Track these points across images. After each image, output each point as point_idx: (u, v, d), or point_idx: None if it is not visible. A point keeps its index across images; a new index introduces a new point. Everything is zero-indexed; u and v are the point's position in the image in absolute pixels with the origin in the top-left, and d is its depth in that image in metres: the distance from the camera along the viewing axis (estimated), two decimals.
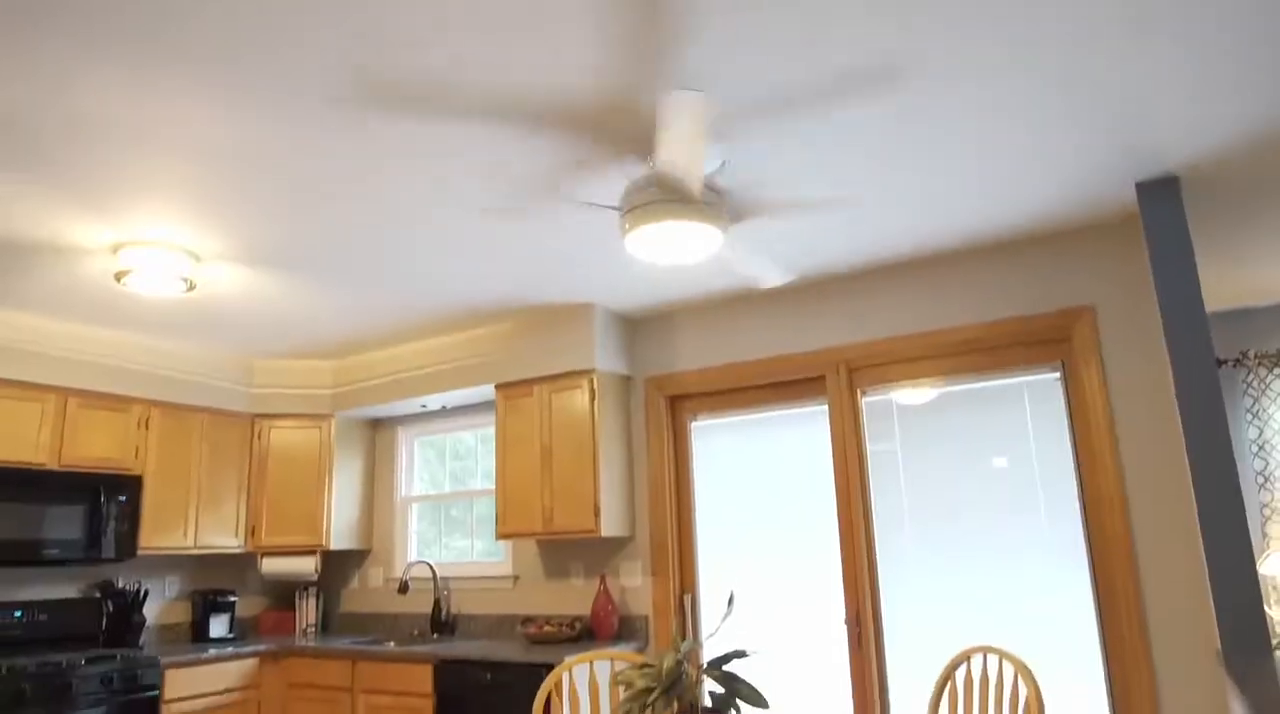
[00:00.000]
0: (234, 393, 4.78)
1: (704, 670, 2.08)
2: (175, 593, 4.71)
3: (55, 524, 3.86)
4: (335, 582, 5.24)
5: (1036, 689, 2.23)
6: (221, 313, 3.99)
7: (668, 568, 3.95)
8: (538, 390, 4.15)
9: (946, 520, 3.41)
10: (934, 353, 3.50)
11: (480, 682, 3.65)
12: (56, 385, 4.00)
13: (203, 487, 4.56)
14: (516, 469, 4.15)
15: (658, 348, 4.23)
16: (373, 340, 4.61)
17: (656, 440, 4.11)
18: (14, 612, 3.93)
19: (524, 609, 4.41)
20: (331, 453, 4.94)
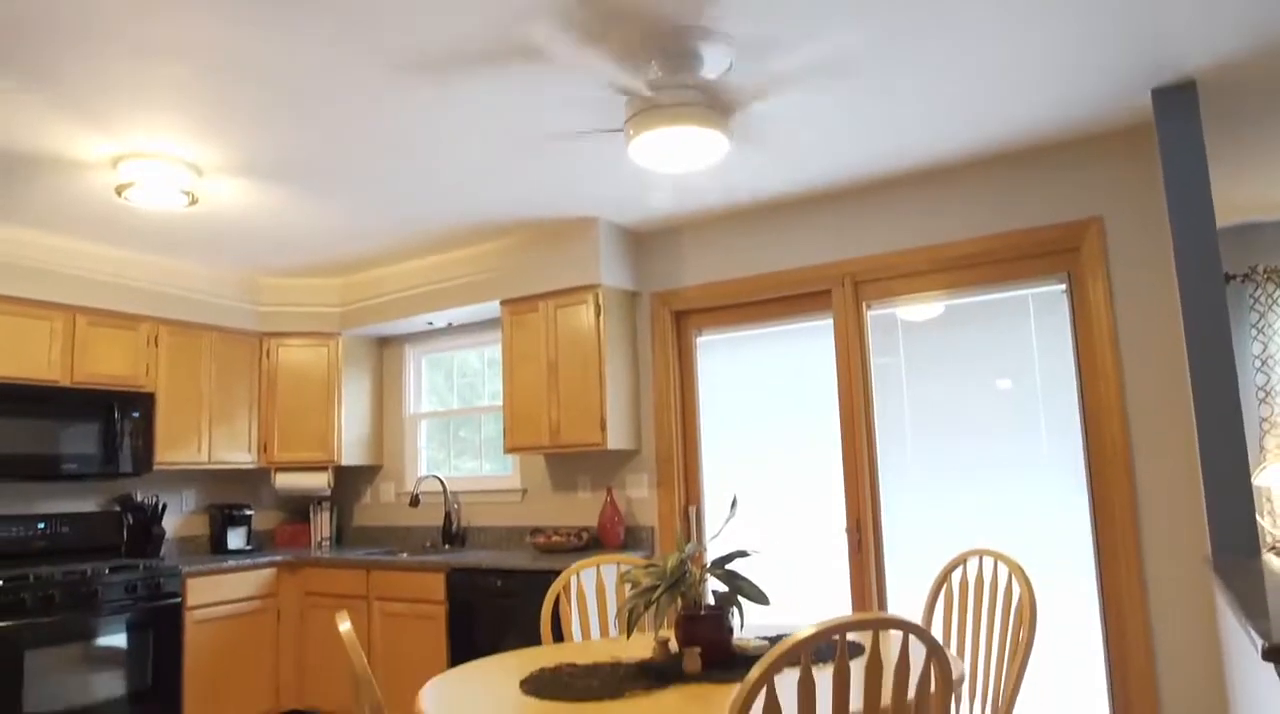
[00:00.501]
0: (241, 311, 4.81)
1: (707, 569, 2.15)
2: (193, 507, 4.84)
3: (71, 440, 3.95)
4: (348, 496, 5.36)
5: (1030, 590, 2.29)
6: (226, 229, 3.98)
7: (673, 480, 4.04)
8: (543, 306, 4.16)
9: (947, 433, 3.46)
10: (939, 266, 3.49)
11: (491, 588, 3.77)
12: (65, 303, 4.03)
13: (214, 403, 4.63)
14: (523, 384, 4.20)
15: (663, 263, 4.23)
16: (378, 257, 4.61)
17: (662, 355, 4.14)
18: (37, 524, 4.05)
19: (532, 521, 4.53)
20: (340, 371, 5.00)
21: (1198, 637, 2.90)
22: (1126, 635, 3.01)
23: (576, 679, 2.05)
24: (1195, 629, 2.91)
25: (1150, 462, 3.04)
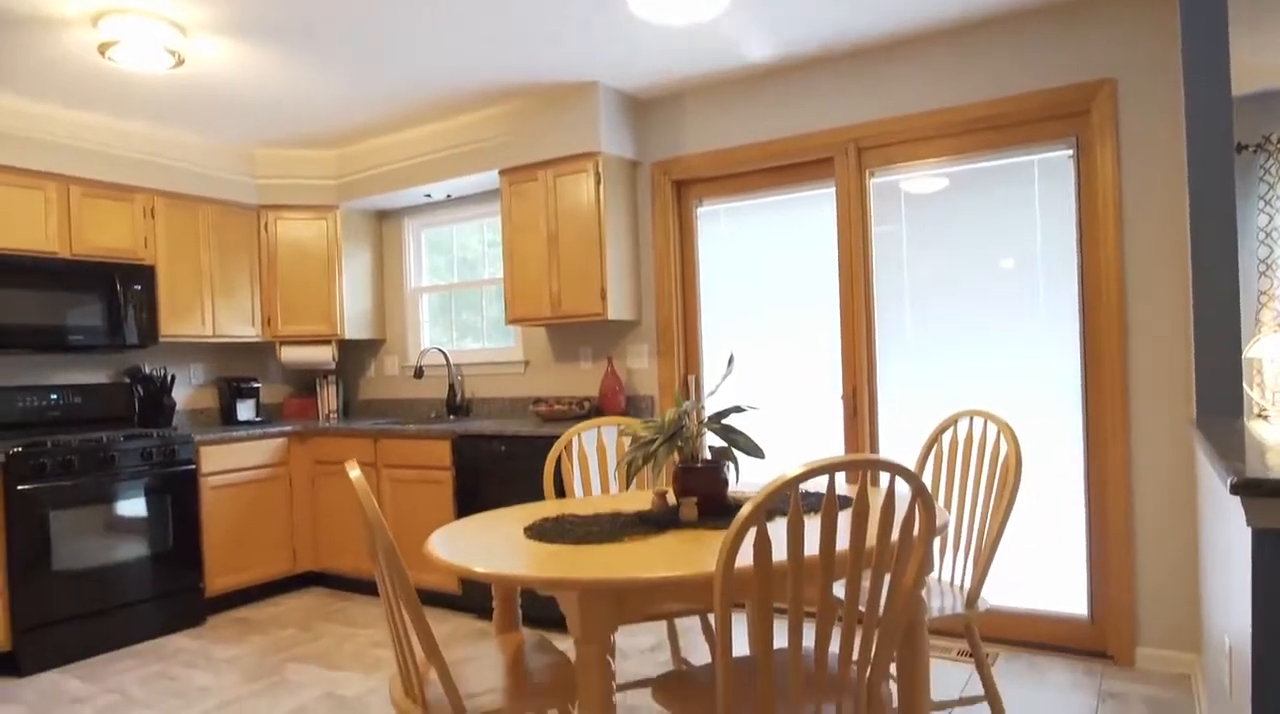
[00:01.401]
0: (238, 184, 4.75)
1: (704, 423, 2.22)
2: (201, 380, 4.93)
3: (76, 312, 3.98)
4: (353, 370, 5.45)
5: (1016, 447, 2.37)
6: (216, 94, 3.88)
7: (673, 350, 4.09)
8: (542, 175, 4.11)
9: (945, 301, 3.48)
10: (945, 131, 3.42)
11: (495, 454, 3.89)
12: (56, 173, 3.98)
13: (215, 276, 4.65)
14: (524, 255, 4.20)
15: (664, 131, 4.14)
16: (374, 126, 4.51)
17: (662, 225, 4.12)
18: (50, 394, 4.14)
19: (534, 392, 4.62)
20: (339, 244, 4.98)
21: (1176, 494, 3.02)
22: (1108, 492, 3.13)
23: (577, 526, 2.15)
24: (1174, 486, 3.02)
25: (1144, 327, 3.07)
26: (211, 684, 3.33)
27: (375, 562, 1.81)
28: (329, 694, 3.16)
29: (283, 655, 3.63)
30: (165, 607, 4.00)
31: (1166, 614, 3.04)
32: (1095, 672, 3.07)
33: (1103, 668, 3.10)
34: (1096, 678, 3.01)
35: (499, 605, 2.40)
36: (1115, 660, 3.12)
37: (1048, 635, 3.28)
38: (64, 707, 3.17)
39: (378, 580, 1.84)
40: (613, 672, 1.75)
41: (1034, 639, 3.31)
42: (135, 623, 3.88)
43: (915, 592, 1.73)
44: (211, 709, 3.08)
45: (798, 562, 1.52)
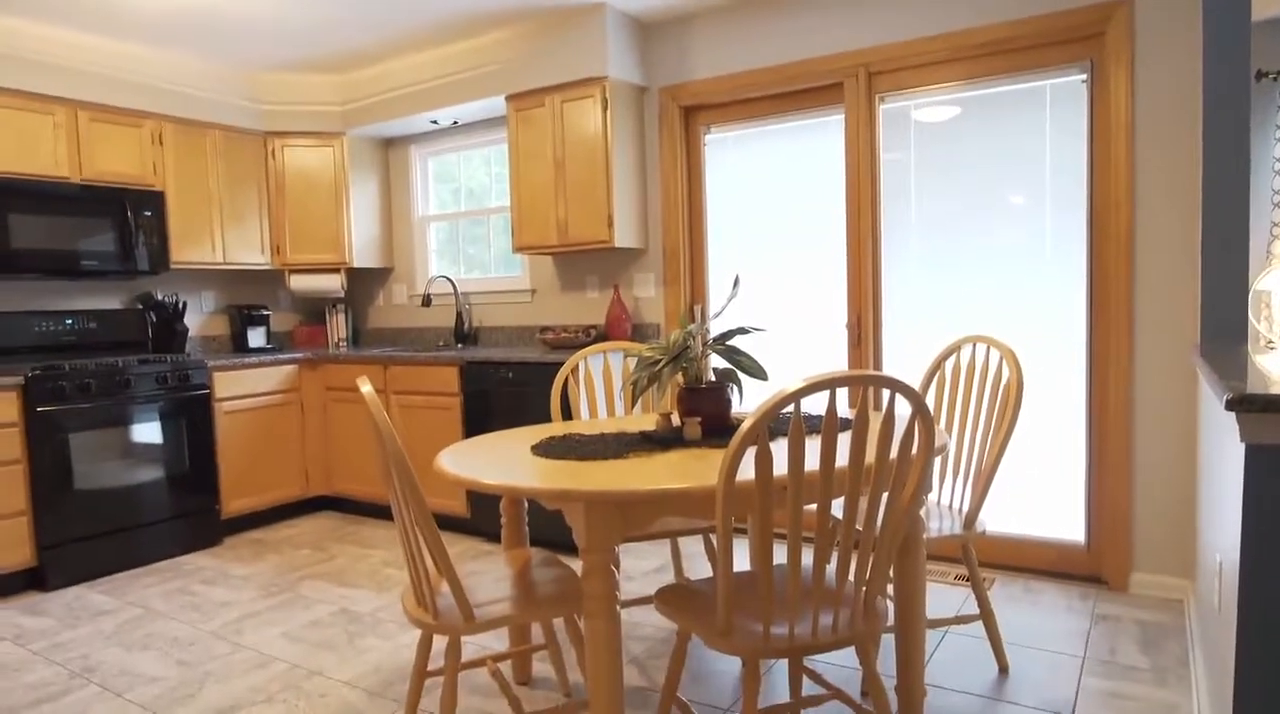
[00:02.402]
0: (244, 109, 4.71)
1: (709, 345, 2.24)
2: (212, 308, 4.97)
3: (88, 237, 4.00)
4: (361, 299, 5.48)
5: (1019, 372, 2.38)
6: (220, 16, 3.81)
7: (679, 278, 4.10)
8: (549, 101, 4.05)
9: (953, 228, 3.46)
10: (957, 55, 3.34)
11: (503, 379, 3.94)
12: (64, 97, 3.96)
13: (224, 203, 4.64)
14: (530, 182, 4.17)
15: (672, 55, 4.06)
16: (379, 51, 4.44)
17: (670, 152, 4.07)
18: (65, 320, 4.19)
19: (541, 320, 4.64)
20: (346, 172, 4.96)
21: (1177, 424, 3.04)
22: (1109, 421, 3.16)
23: (583, 444, 2.20)
24: (1176, 417, 3.05)
25: (1152, 257, 3.05)
26: (230, 599, 3.45)
27: (388, 473, 1.86)
28: (343, 610, 3.27)
29: (298, 574, 3.74)
30: (183, 527, 4.11)
31: (1162, 541, 3.10)
32: (1090, 596, 3.14)
33: (1097, 593, 3.18)
34: (1090, 602, 3.09)
35: (507, 523, 2.47)
36: (1109, 586, 3.20)
37: (1044, 561, 3.36)
38: (90, 618, 3.30)
39: (390, 491, 1.89)
40: (616, 581, 1.81)
41: (1030, 565, 3.39)
42: (154, 542, 4.00)
43: (913, 508, 1.78)
44: (231, 621, 3.20)
45: (798, 474, 1.56)
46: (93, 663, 2.87)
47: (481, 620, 1.89)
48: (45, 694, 2.65)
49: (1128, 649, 2.67)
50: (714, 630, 1.70)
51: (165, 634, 3.10)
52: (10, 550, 3.55)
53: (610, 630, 1.79)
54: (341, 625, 3.11)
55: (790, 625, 1.66)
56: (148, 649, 2.97)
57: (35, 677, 2.78)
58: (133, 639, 3.07)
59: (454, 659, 1.93)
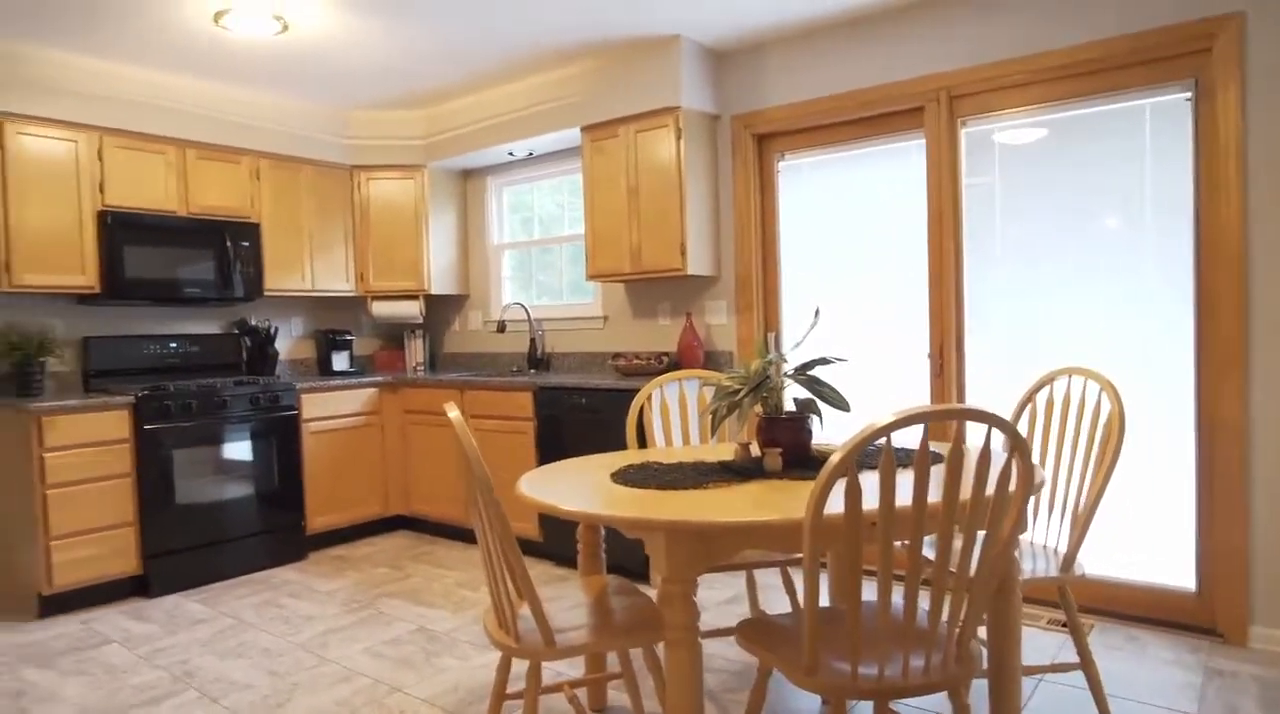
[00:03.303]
0: (333, 145, 4.94)
1: (790, 374, 2.25)
2: (300, 332, 5.18)
3: (191, 266, 4.23)
4: (438, 324, 5.64)
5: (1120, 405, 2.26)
6: (315, 59, 4.02)
7: (752, 306, 4.11)
8: (623, 131, 4.13)
9: (1042, 256, 3.39)
10: (1045, 76, 3.29)
11: (576, 405, 4.00)
12: (174, 137, 4.24)
13: (314, 234, 4.86)
14: (604, 210, 4.25)
15: (746, 84, 4.10)
16: (459, 86, 4.60)
17: (743, 179, 4.11)
18: (170, 343, 4.43)
19: (613, 347, 4.70)
20: (426, 203, 5.14)
21: None
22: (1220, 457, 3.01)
23: (662, 473, 2.22)
24: None
25: (1269, 284, 2.87)
26: (315, 613, 3.57)
27: (471, 496, 1.92)
28: (421, 629, 3.35)
29: (377, 591, 3.85)
30: (271, 542, 4.28)
31: None
32: (1200, 648, 2.91)
33: (1209, 645, 2.94)
34: (1201, 655, 2.86)
35: (584, 549, 2.51)
36: (1225, 639, 2.95)
37: (1148, 608, 3.15)
38: (188, 626, 3.45)
39: (473, 515, 1.95)
40: (697, 611, 1.82)
41: (1133, 611, 3.18)
42: (245, 555, 4.17)
43: (1009, 548, 1.75)
44: (317, 635, 3.31)
45: (889, 509, 1.56)
46: (192, 668, 3.01)
47: (563, 647, 1.92)
48: (150, 696, 2.78)
49: (1248, 710, 2.47)
50: (798, 667, 1.70)
51: (256, 644, 3.22)
52: (120, 559, 3.75)
53: (692, 661, 1.80)
54: (420, 644, 3.19)
55: (880, 666, 1.65)
56: (241, 658, 3.09)
57: (141, 679, 2.93)
58: (227, 648, 3.20)
59: (535, 683, 1.96)
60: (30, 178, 3.77)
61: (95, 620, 3.56)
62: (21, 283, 3.75)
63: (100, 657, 3.16)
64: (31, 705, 2.76)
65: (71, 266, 3.89)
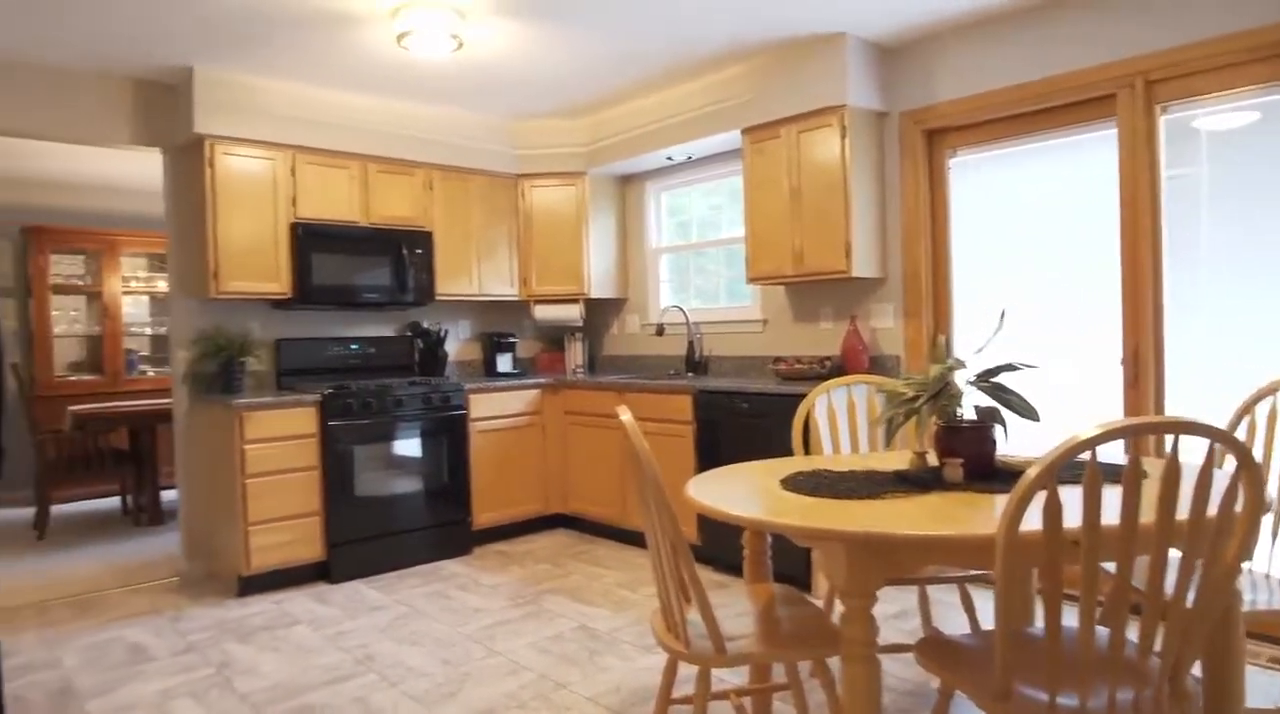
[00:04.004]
0: (500, 155, 5.14)
1: (972, 381, 2.11)
2: (467, 335, 5.42)
3: (371, 272, 4.52)
4: (597, 328, 5.75)
5: None
6: (486, 74, 4.20)
7: (921, 308, 3.92)
8: (785, 131, 4.06)
9: (1256, 252, 3.03)
10: (1260, 55, 2.95)
11: (736, 410, 3.95)
12: (357, 152, 4.54)
13: (481, 241, 5.08)
14: (765, 213, 4.18)
15: (915, 79, 3.93)
16: (620, 93, 4.67)
17: (912, 177, 3.93)
18: (351, 344, 4.74)
19: (773, 351, 4.62)
20: (586, 208, 5.25)
21: None
22: None
23: (835, 481, 2.14)
24: None
25: None
26: (482, 606, 3.70)
27: (642, 499, 1.92)
28: (582, 627, 3.41)
29: (539, 587, 3.95)
30: (439, 536, 4.48)
31: None
32: None
33: None
34: None
35: (750, 557, 2.46)
36: None
37: None
38: (366, 611, 3.67)
39: (643, 517, 1.94)
40: (876, 626, 1.74)
41: None
42: (415, 548, 4.39)
43: (1233, 576, 1.56)
44: (485, 627, 3.43)
45: (1093, 527, 1.42)
46: (371, 652, 3.19)
47: (733, 654, 1.88)
48: (335, 676, 2.97)
49: None
50: (988, 692, 1.58)
51: (429, 633, 3.38)
52: (307, 545, 4.05)
53: (870, 677, 1.72)
54: (582, 642, 3.24)
55: (1081, 698, 1.51)
56: (416, 645, 3.25)
57: (326, 660, 3.13)
58: (402, 634, 3.37)
59: (704, 689, 1.93)
60: (234, 194, 4.14)
61: (286, 601, 3.85)
62: (226, 290, 4.12)
63: (291, 636, 3.40)
64: (234, 676, 3.01)
65: (268, 274, 4.24)
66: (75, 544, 5.11)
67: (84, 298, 6.79)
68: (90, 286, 6.72)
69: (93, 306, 6.82)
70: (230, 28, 3.52)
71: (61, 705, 2.80)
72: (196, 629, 3.51)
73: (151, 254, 7.05)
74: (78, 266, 6.77)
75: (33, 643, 3.42)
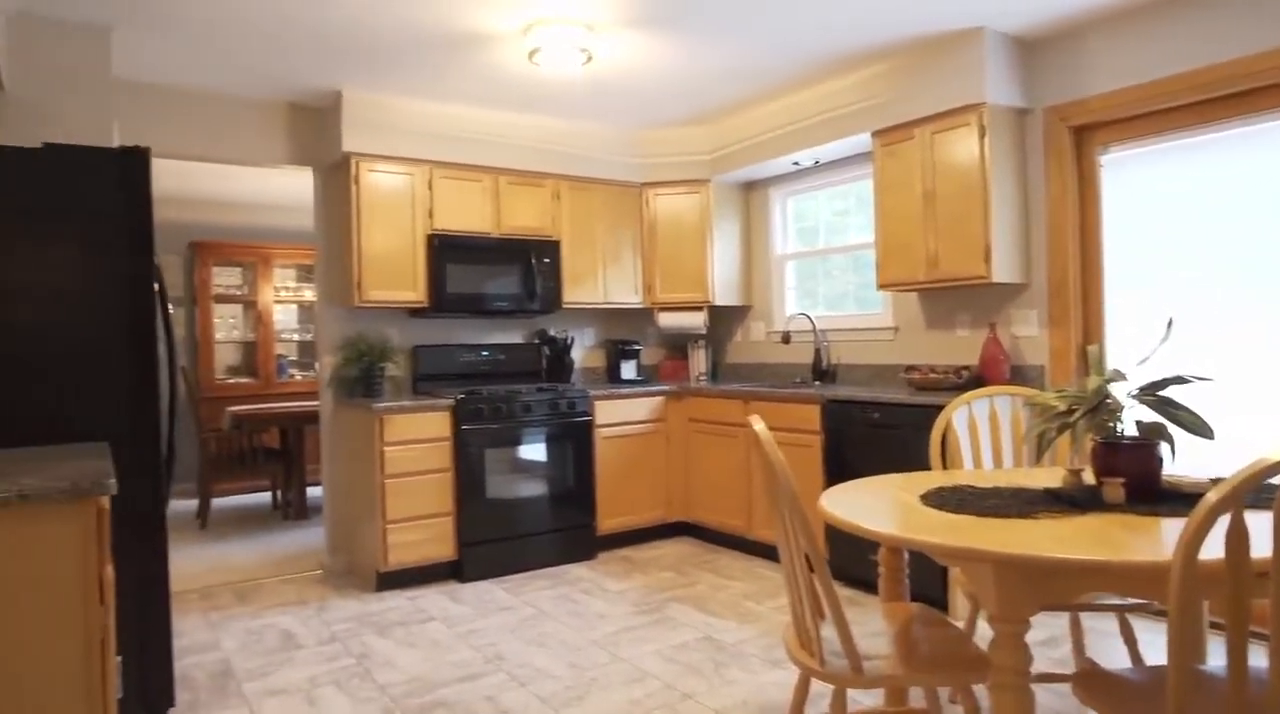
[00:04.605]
0: (624, 165, 5.20)
1: (1136, 395, 1.96)
2: (592, 342, 5.50)
3: (501, 281, 4.65)
4: (721, 335, 5.71)
5: None
6: (612, 85, 4.26)
7: (1068, 316, 3.69)
8: (919, 132, 3.91)
9: None
10: None
11: (867, 420, 3.83)
12: (490, 166, 4.69)
13: (606, 249, 5.14)
14: (896, 217, 4.05)
15: (1059, 73, 3.71)
16: (745, 99, 4.64)
17: (1058, 175, 3.71)
18: (481, 351, 4.90)
19: (905, 359, 4.46)
20: (711, 216, 5.23)
21: None
22: None
23: (980, 498, 2.03)
24: None
25: None
26: (607, 612, 3.73)
27: (777, 511, 1.88)
28: (707, 637, 3.38)
29: (663, 595, 3.95)
30: (564, 540, 4.56)
31: None
32: None
33: None
34: None
35: (886, 574, 2.37)
36: None
37: None
38: (496, 611, 3.77)
39: (777, 529, 1.90)
40: (1030, 654, 1.64)
41: None
42: (541, 551, 4.48)
43: None
44: (610, 633, 3.45)
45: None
46: (501, 651, 3.27)
47: (871, 675, 1.81)
48: (467, 674, 3.06)
49: None
50: None
51: (556, 636, 3.43)
52: (440, 544, 4.21)
53: (1022, 708, 1.62)
54: (707, 653, 3.21)
55: None
56: (543, 647, 3.31)
57: (458, 657, 3.23)
58: (530, 636, 3.44)
59: (840, 710, 1.87)
60: (376, 208, 4.35)
61: (420, 598, 4.00)
62: (368, 299, 4.33)
63: (425, 632, 3.53)
64: (374, 668, 3.14)
65: (406, 284, 4.43)
66: (232, 535, 5.50)
67: (241, 307, 7.32)
68: (246, 296, 7.23)
69: (248, 315, 7.34)
70: (376, 53, 3.71)
71: (222, 685, 3.01)
72: (339, 620, 3.70)
73: (300, 265, 7.53)
74: (236, 278, 7.30)
75: (198, 625, 3.69)
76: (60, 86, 3.23)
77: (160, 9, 3.20)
